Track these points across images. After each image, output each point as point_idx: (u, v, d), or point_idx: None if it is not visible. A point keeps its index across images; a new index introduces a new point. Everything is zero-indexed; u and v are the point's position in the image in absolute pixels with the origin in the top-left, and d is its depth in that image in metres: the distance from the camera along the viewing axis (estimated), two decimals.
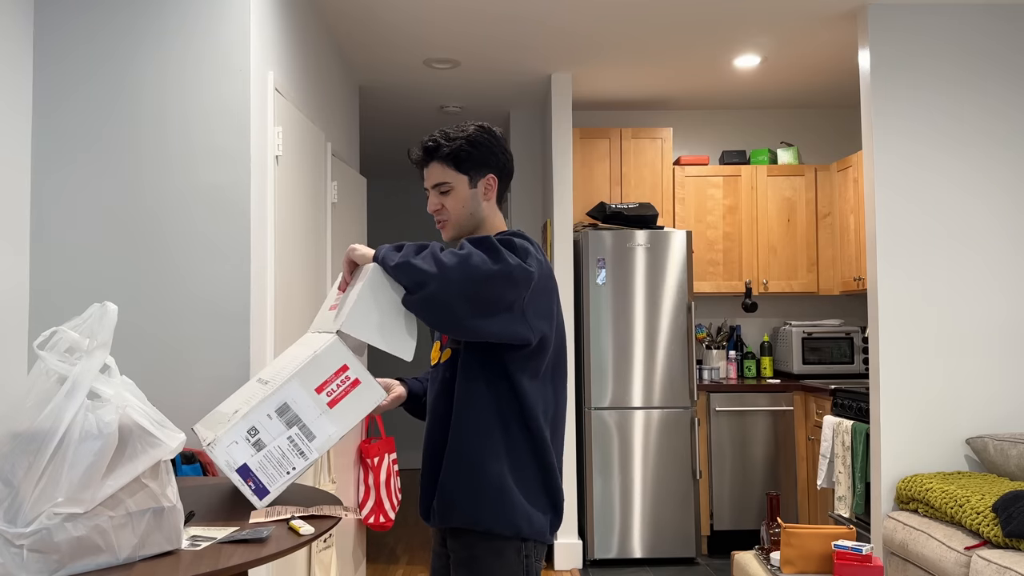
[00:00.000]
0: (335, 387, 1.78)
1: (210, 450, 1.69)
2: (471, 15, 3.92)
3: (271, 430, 1.73)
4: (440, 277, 1.65)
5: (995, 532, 2.92)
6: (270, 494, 1.72)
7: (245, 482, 1.70)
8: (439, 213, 1.92)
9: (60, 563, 1.36)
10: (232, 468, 1.69)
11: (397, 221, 8.06)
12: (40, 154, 2.60)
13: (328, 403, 1.77)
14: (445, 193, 1.90)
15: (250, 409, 1.73)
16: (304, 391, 1.76)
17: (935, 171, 3.81)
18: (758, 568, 3.06)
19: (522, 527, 1.80)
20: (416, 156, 1.94)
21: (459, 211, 1.90)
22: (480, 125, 1.94)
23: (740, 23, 4.06)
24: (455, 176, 1.89)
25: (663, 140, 5.23)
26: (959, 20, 3.84)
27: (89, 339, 1.46)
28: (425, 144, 1.91)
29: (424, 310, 1.69)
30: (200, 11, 2.63)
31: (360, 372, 1.80)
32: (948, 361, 3.76)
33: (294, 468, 1.74)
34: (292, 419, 1.75)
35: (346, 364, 1.78)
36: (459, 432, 1.84)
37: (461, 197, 1.90)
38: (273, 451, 1.73)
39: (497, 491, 1.80)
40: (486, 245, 1.71)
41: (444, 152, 1.89)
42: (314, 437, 1.75)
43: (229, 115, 2.62)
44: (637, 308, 4.71)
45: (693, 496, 4.67)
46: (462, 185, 1.90)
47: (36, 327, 2.57)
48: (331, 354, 1.77)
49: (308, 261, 3.38)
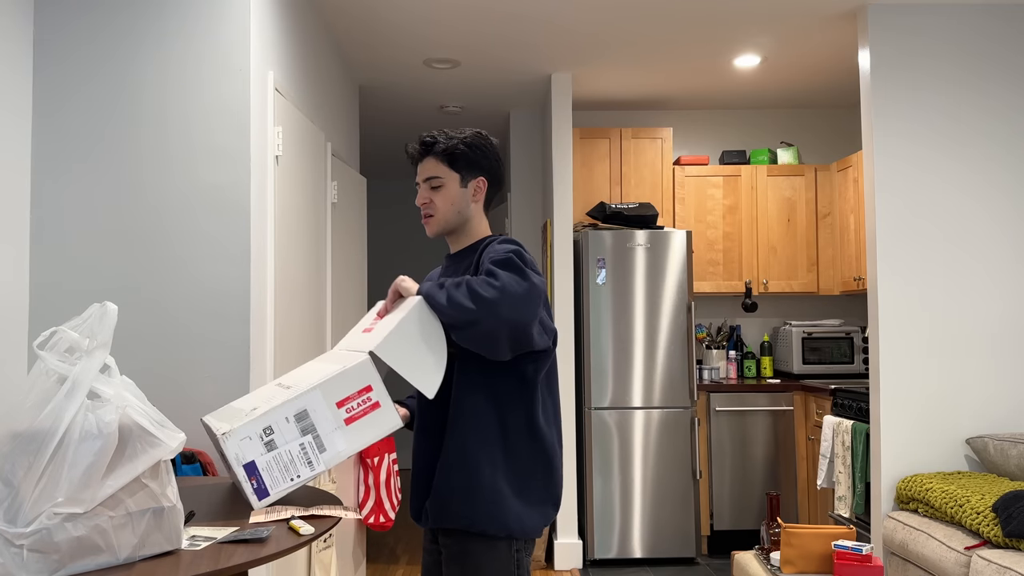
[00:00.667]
0: (355, 405, 1.80)
1: (223, 440, 1.69)
2: (471, 14, 3.92)
3: (286, 433, 1.74)
4: (489, 315, 1.72)
5: (995, 532, 2.92)
6: (270, 496, 1.72)
7: (249, 479, 1.70)
8: (427, 207, 1.98)
9: (60, 563, 1.36)
10: (240, 463, 1.70)
11: (397, 221, 8.06)
12: (40, 155, 2.60)
13: (345, 419, 1.78)
14: (436, 188, 1.96)
15: (270, 408, 1.73)
16: (325, 402, 1.77)
17: (935, 172, 3.81)
18: (758, 568, 3.06)
19: (514, 529, 1.84)
20: (413, 149, 1.99)
21: (447, 208, 1.96)
22: (478, 131, 2.01)
23: (740, 23, 4.06)
24: (447, 172, 1.95)
25: (663, 140, 5.23)
26: (959, 20, 3.84)
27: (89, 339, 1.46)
28: (423, 139, 1.97)
29: (473, 343, 1.76)
30: (200, 11, 2.64)
31: (382, 396, 1.82)
32: (948, 361, 3.76)
33: (298, 476, 1.74)
34: (308, 427, 1.76)
35: (371, 385, 1.80)
36: (455, 434, 1.86)
37: (451, 195, 1.96)
38: (283, 455, 1.73)
39: (491, 493, 1.83)
40: (514, 268, 1.77)
41: (440, 148, 1.95)
42: (324, 450, 1.76)
43: (229, 115, 2.62)
44: (637, 308, 4.72)
45: (693, 496, 4.67)
46: (453, 183, 1.96)
47: (36, 327, 2.57)
48: (360, 371, 1.79)
49: (308, 261, 3.38)
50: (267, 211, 2.79)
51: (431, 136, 1.96)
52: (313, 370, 1.89)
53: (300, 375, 1.91)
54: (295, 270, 3.15)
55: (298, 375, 1.92)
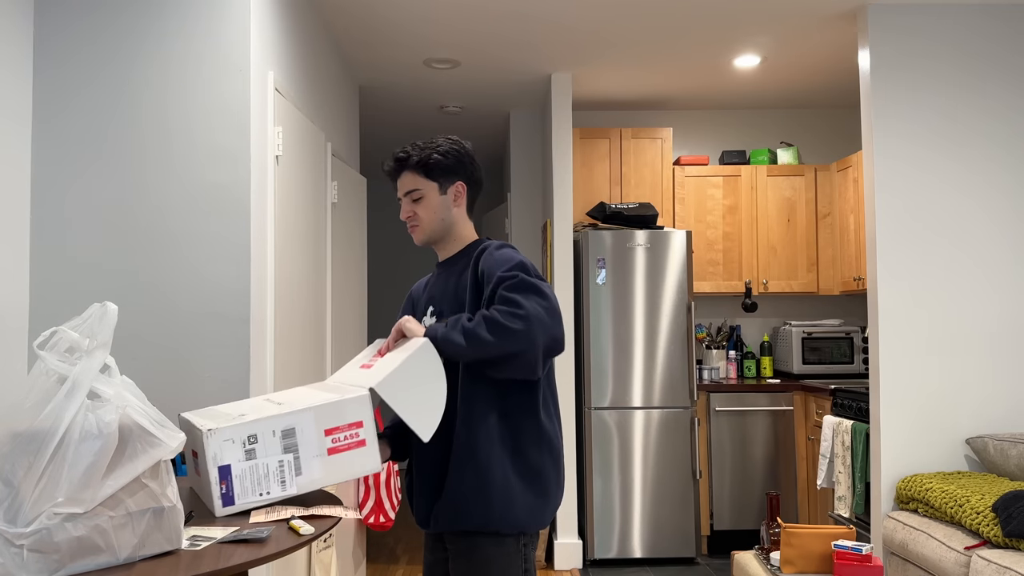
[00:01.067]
0: (343, 437, 1.79)
1: (206, 436, 1.68)
2: (471, 14, 3.92)
3: (268, 446, 1.73)
4: (527, 345, 1.78)
5: (995, 532, 2.92)
6: (234, 506, 1.70)
7: (219, 482, 1.68)
8: (411, 219, 2.02)
9: (60, 563, 1.36)
10: (216, 463, 1.68)
11: (397, 221, 8.07)
12: (41, 155, 2.60)
13: (329, 449, 1.77)
14: (417, 201, 2.01)
15: (259, 417, 1.73)
16: (315, 425, 1.76)
17: (935, 172, 3.81)
18: (758, 568, 3.06)
19: (526, 524, 1.88)
20: (388, 167, 2.04)
21: (431, 217, 2.01)
22: (449, 137, 2.05)
23: (740, 23, 4.06)
24: (425, 183, 2.00)
25: (663, 140, 5.23)
26: (959, 21, 3.84)
27: (89, 339, 1.46)
28: (397, 155, 2.02)
29: (513, 373, 1.82)
30: (200, 12, 2.64)
31: (370, 436, 1.81)
32: (948, 361, 3.76)
33: (268, 493, 1.72)
34: (292, 446, 1.74)
35: (362, 421, 1.80)
36: (465, 435, 1.88)
37: (432, 204, 2.00)
38: (260, 467, 1.72)
39: (502, 491, 1.86)
40: (529, 288, 1.81)
41: (414, 161, 2.00)
42: (301, 474, 1.75)
43: (229, 115, 2.62)
44: (637, 308, 4.72)
45: (693, 496, 4.67)
46: (432, 192, 2.00)
47: (36, 327, 2.57)
48: (356, 405, 1.79)
49: (308, 261, 3.38)
50: (267, 211, 2.79)
51: (404, 151, 2.01)
52: (306, 394, 1.89)
53: (292, 396, 1.90)
54: (295, 270, 3.16)
55: (290, 395, 1.92)
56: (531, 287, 1.81)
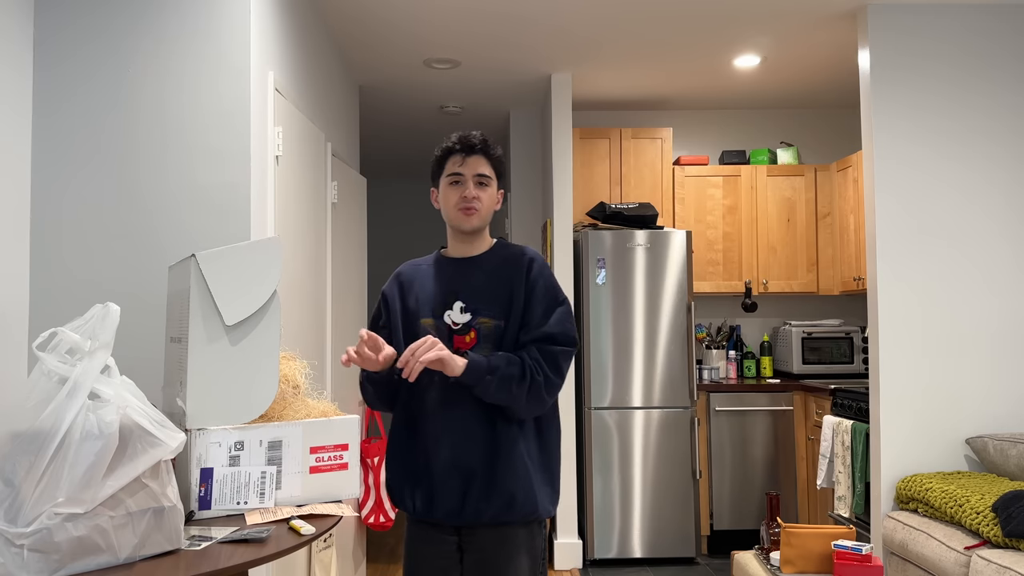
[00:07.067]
0: (327, 457, 1.80)
1: (194, 436, 1.68)
2: (471, 14, 3.92)
3: (253, 455, 1.73)
4: (544, 407, 1.98)
5: (995, 532, 2.92)
6: (209, 511, 1.69)
7: (199, 484, 1.68)
8: (475, 201, 2.06)
9: (60, 563, 1.36)
10: (199, 465, 1.68)
11: (397, 221, 8.06)
12: (41, 155, 2.60)
13: (311, 467, 1.78)
14: (483, 186, 2.07)
15: (248, 424, 1.73)
16: (302, 441, 1.77)
17: (935, 172, 3.81)
18: (758, 568, 3.06)
19: (548, 511, 2.01)
20: (477, 140, 2.07)
21: (489, 206, 2.09)
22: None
23: (740, 23, 4.06)
24: (493, 175, 2.09)
25: (663, 140, 5.23)
26: (959, 21, 3.84)
27: (91, 340, 1.46)
28: (481, 137, 2.08)
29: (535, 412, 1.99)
30: (200, 12, 2.64)
31: (353, 461, 1.84)
32: (948, 361, 3.76)
33: (245, 503, 1.72)
34: (276, 458, 1.74)
35: (348, 444, 1.83)
36: (501, 430, 1.95)
37: (492, 195, 2.10)
38: (242, 475, 1.71)
39: (529, 481, 1.96)
40: (573, 343, 2.00)
41: (493, 152, 2.09)
42: (280, 488, 1.75)
43: (229, 115, 2.62)
44: (637, 308, 4.72)
45: (693, 496, 4.67)
46: (493, 185, 2.10)
47: (36, 327, 2.57)
48: (344, 427, 1.81)
49: (308, 261, 3.38)
50: (267, 211, 2.79)
51: (484, 137, 2.08)
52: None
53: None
54: (295, 270, 3.16)
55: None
56: (572, 342, 1.98)
